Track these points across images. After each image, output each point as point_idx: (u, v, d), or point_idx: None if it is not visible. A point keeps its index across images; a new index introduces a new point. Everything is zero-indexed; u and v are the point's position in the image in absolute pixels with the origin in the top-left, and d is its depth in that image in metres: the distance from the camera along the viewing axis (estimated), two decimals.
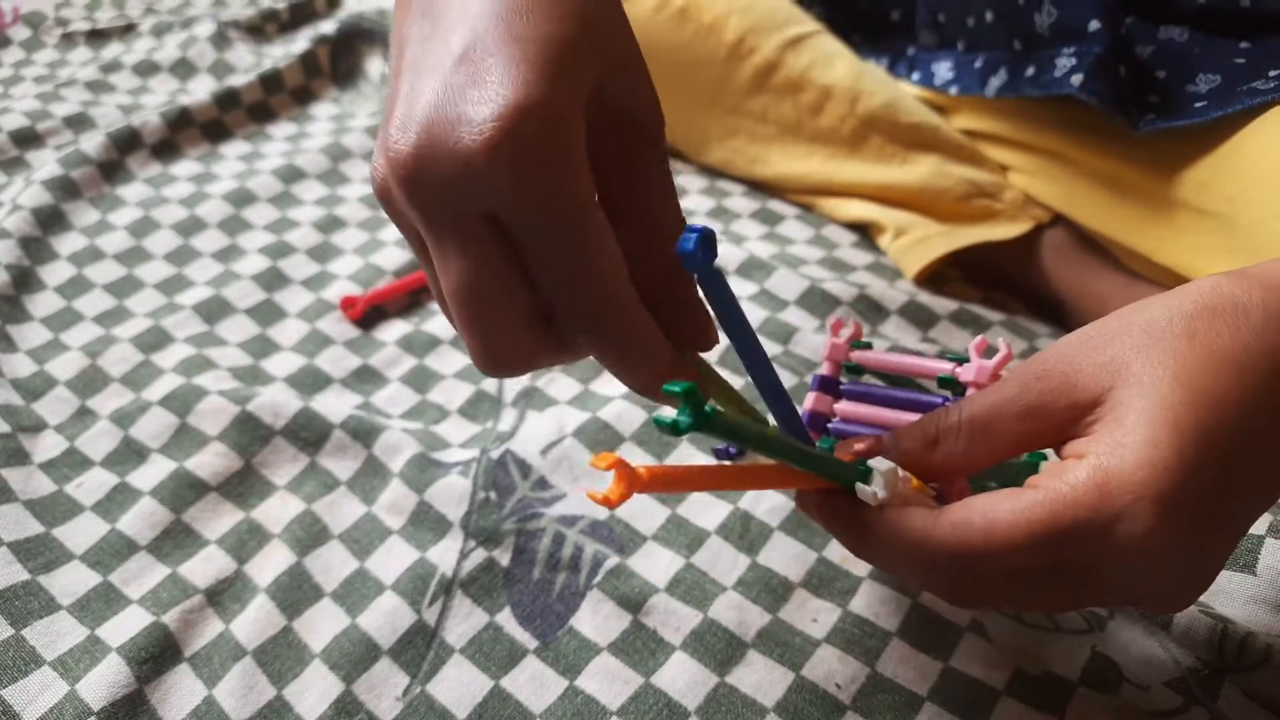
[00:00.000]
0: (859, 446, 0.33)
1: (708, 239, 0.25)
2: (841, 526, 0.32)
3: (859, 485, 0.31)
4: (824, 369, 0.43)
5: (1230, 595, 0.41)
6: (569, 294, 0.27)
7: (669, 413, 0.26)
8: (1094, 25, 0.55)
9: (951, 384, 0.38)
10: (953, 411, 0.32)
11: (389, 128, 0.27)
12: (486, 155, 0.25)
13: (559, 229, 0.26)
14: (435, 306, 0.63)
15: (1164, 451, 0.26)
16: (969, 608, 0.33)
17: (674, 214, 0.31)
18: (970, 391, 0.37)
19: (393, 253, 0.67)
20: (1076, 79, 0.54)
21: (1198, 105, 0.52)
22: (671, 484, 0.28)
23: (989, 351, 0.39)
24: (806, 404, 0.42)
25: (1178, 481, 0.26)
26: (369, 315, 0.62)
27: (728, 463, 0.40)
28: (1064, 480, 0.27)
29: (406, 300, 0.63)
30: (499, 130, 0.25)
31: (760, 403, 0.34)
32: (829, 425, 0.41)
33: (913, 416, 0.37)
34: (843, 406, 0.41)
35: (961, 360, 0.39)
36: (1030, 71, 0.59)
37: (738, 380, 0.51)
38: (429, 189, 0.26)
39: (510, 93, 0.25)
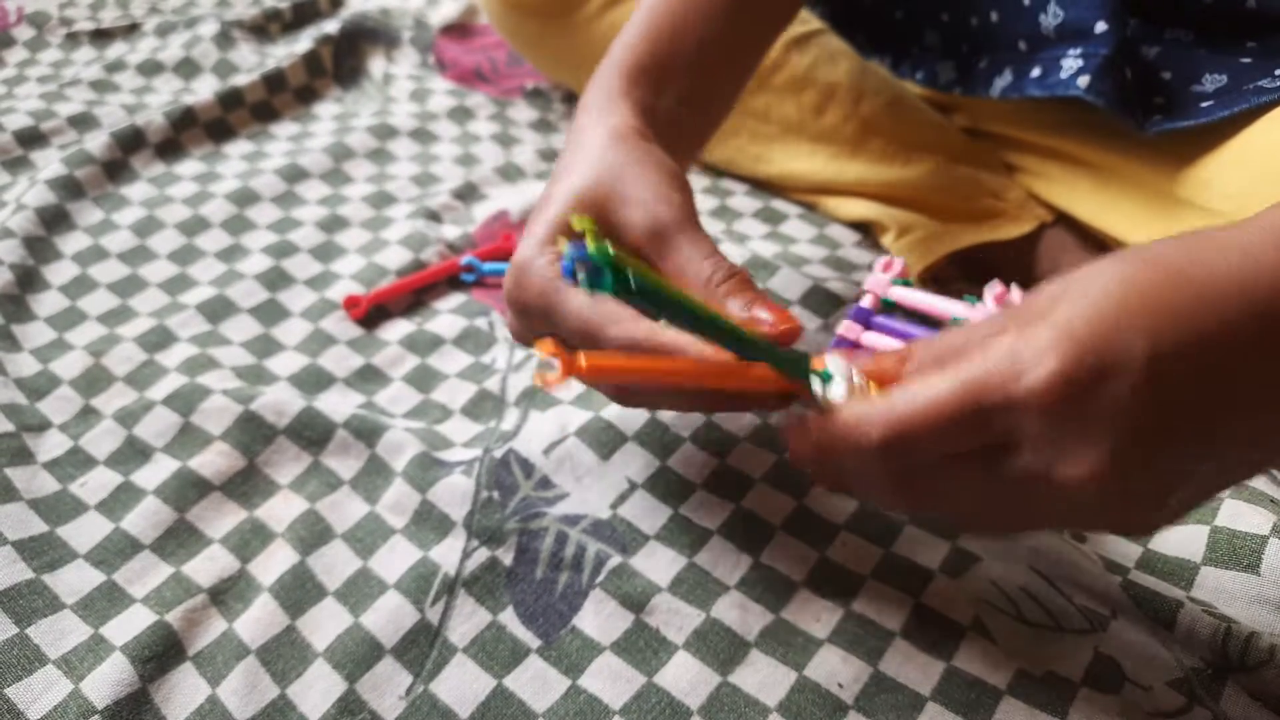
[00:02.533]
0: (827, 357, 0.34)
1: (589, 265, 0.27)
2: (794, 432, 0.33)
3: (814, 382, 0.32)
4: (865, 301, 0.47)
5: (1233, 595, 0.41)
6: None
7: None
8: (1100, 26, 0.55)
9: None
10: (926, 339, 0.33)
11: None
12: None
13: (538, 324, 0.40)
14: (438, 306, 0.63)
15: (1085, 315, 0.27)
16: (912, 509, 0.34)
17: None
18: None
19: (396, 251, 0.67)
20: (1083, 80, 0.54)
21: (1203, 105, 0.52)
22: (615, 373, 0.29)
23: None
24: (840, 330, 0.46)
25: (1091, 342, 0.27)
26: (372, 315, 0.62)
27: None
28: (985, 350, 0.29)
29: (410, 300, 0.63)
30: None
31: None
32: None
33: None
34: (869, 337, 0.45)
35: (976, 302, 0.42)
36: (1036, 73, 0.59)
37: None
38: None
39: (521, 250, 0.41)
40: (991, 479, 0.30)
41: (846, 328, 0.46)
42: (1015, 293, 0.40)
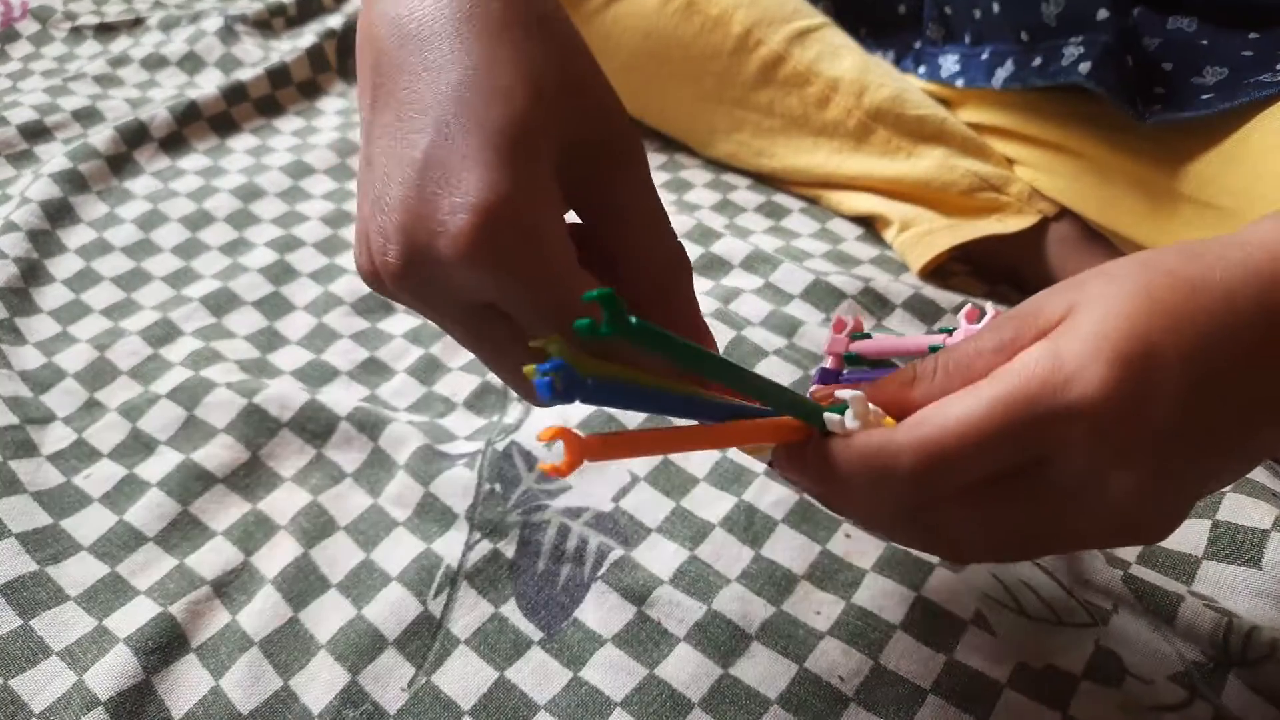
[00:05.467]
0: (831, 391, 0.32)
1: (560, 377, 0.24)
2: (806, 467, 0.31)
3: (827, 415, 0.30)
4: (827, 363, 0.45)
5: (1235, 589, 0.41)
6: None
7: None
8: (1102, 14, 0.55)
9: None
10: (930, 358, 0.31)
11: (370, 231, 0.29)
12: (467, 259, 0.26)
13: (543, 307, 0.27)
14: None
15: (1116, 319, 0.26)
16: (949, 551, 0.32)
17: (657, 233, 0.32)
18: None
19: None
20: (1084, 68, 0.54)
21: (1204, 98, 0.52)
22: (623, 449, 0.27)
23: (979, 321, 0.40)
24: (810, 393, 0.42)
25: (1131, 341, 0.26)
26: (374, 307, 0.62)
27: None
28: (1017, 362, 0.28)
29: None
30: (474, 233, 0.26)
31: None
32: None
33: None
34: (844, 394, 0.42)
35: (952, 331, 0.40)
36: (1037, 62, 0.59)
37: None
38: (420, 290, 0.29)
39: (478, 194, 0.26)
40: (1021, 501, 0.29)
41: (816, 392, 0.44)
42: (990, 309, 0.39)
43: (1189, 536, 0.44)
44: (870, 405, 0.30)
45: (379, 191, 0.29)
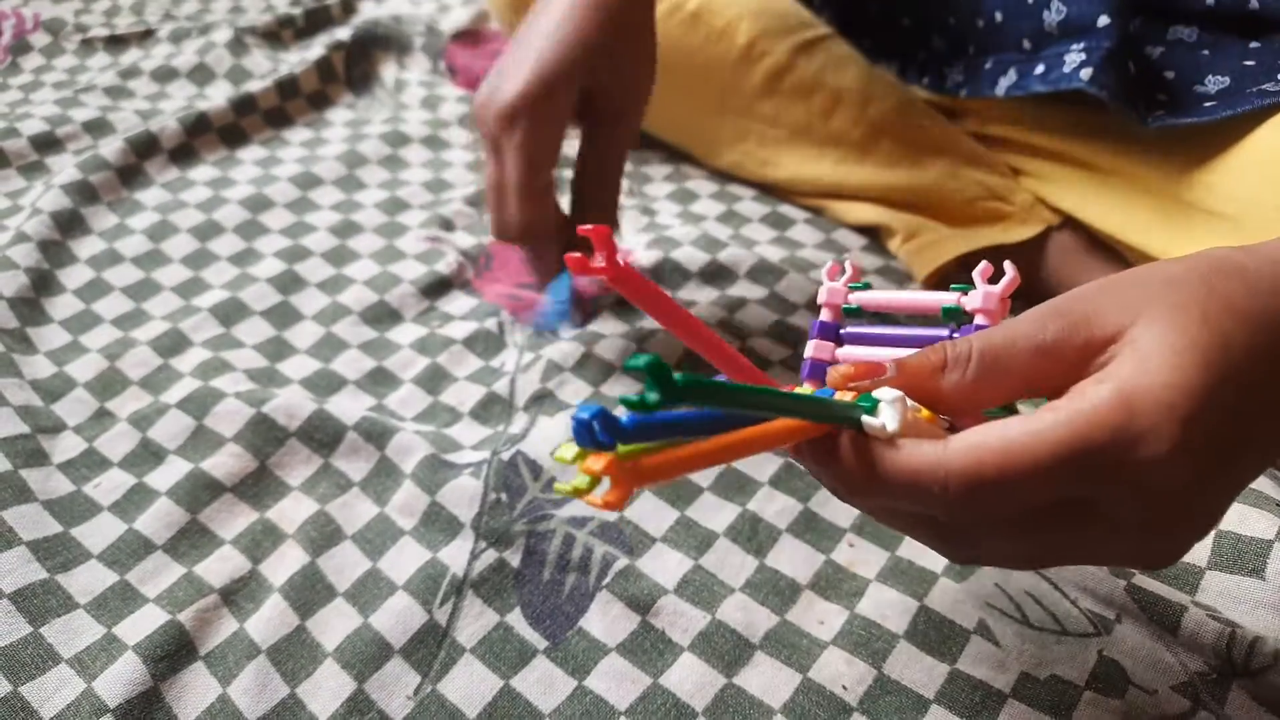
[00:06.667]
0: (855, 372, 0.31)
1: (600, 422, 0.24)
2: (839, 465, 0.30)
3: (865, 419, 0.28)
4: (823, 315, 0.40)
5: (1238, 600, 0.41)
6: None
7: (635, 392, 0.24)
8: (1103, 21, 0.55)
9: (957, 314, 0.36)
10: (963, 341, 0.30)
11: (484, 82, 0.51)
12: (498, 114, 0.50)
13: (520, 160, 0.50)
14: (448, 309, 0.64)
15: (1189, 374, 0.26)
16: (966, 559, 0.32)
17: (598, 190, 0.56)
18: (979, 319, 0.35)
19: (410, 265, 0.67)
20: (1086, 73, 0.55)
21: (1207, 105, 0.52)
22: (671, 469, 0.26)
23: (995, 278, 0.36)
24: (807, 352, 0.40)
25: (1202, 405, 0.25)
26: (382, 317, 0.62)
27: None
28: (1086, 400, 0.26)
29: (422, 304, 0.64)
30: (507, 103, 0.50)
31: None
32: None
33: None
34: (845, 352, 0.39)
35: (966, 289, 0.36)
36: (1039, 69, 0.59)
37: None
38: (480, 122, 0.52)
39: (520, 83, 0.50)
40: (1056, 529, 0.28)
41: (816, 348, 0.40)
42: (1009, 270, 0.37)
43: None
44: (909, 402, 0.29)
45: (498, 62, 0.52)
